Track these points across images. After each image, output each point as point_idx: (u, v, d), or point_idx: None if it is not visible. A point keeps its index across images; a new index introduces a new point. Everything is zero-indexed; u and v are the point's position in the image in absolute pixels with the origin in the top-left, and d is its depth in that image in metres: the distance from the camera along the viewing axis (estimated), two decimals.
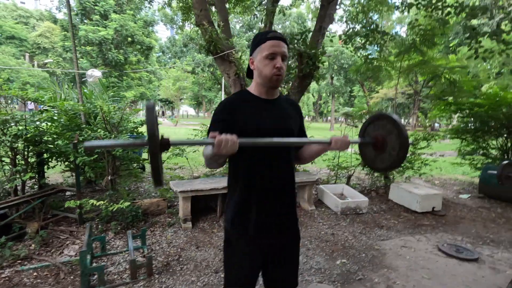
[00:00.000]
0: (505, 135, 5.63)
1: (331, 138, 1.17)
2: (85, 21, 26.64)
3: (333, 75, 29.83)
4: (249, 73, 1.32)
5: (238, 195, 1.25)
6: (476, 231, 3.75)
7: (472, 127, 5.94)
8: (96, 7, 25.41)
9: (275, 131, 1.20)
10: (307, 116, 61.51)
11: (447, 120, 6.40)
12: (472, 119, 5.77)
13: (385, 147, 1.24)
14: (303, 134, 1.40)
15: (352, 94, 41.11)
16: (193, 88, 29.05)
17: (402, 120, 39.37)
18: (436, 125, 27.02)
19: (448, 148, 9.77)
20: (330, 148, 1.19)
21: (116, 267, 2.55)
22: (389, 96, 6.09)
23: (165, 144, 0.92)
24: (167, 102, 39.20)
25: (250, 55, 1.26)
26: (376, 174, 5.36)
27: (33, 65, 28.81)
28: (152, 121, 0.83)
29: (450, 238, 3.49)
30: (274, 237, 1.28)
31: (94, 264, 2.51)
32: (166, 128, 21.05)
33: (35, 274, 2.38)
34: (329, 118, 43.83)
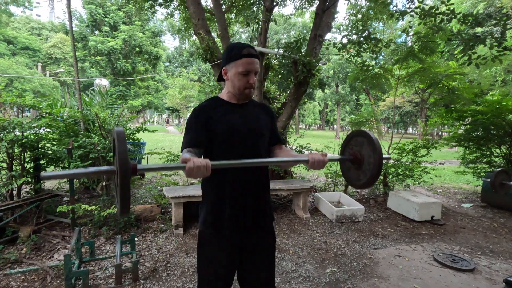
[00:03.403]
0: (508, 143, 5.51)
1: (309, 156, 1.16)
2: (96, 32, 27.47)
3: (338, 83, 29.83)
4: (220, 78, 1.36)
5: (211, 196, 1.29)
6: (476, 241, 3.64)
7: (475, 135, 5.84)
8: (106, 19, 26.22)
9: (245, 130, 1.28)
10: (313, 124, 61.46)
11: (452, 127, 6.27)
12: (474, 126, 5.66)
13: (362, 163, 1.26)
14: (275, 137, 1.44)
15: (358, 102, 40.95)
16: (199, 97, 29.40)
17: (409, 128, 39.00)
18: (445, 134, 26.61)
19: (452, 157, 9.59)
20: (307, 166, 1.19)
21: (103, 272, 2.56)
22: (396, 105, 6.08)
23: (133, 169, 0.91)
24: (173, 111, 39.73)
25: (223, 65, 1.30)
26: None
27: (45, 75, 29.69)
28: (122, 147, 0.82)
29: (447, 248, 3.40)
30: (248, 234, 1.30)
31: (82, 269, 2.52)
32: (172, 136, 21.27)
33: (22, 277, 2.41)
34: (335, 126, 43.64)
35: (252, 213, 1.29)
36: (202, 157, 1.31)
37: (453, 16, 3.26)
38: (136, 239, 3.12)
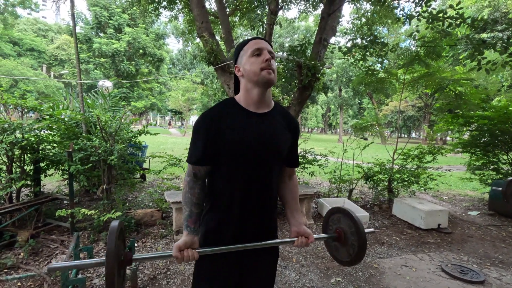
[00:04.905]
0: None
1: (296, 239, 1.20)
2: (100, 34, 27.68)
3: (341, 87, 29.77)
4: (237, 89, 1.24)
5: (215, 212, 1.18)
6: (484, 251, 3.54)
7: (482, 141, 5.74)
8: (110, 21, 26.41)
9: (259, 147, 1.11)
10: (316, 128, 61.39)
11: (457, 133, 6.18)
12: (481, 132, 5.56)
13: (347, 241, 1.28)
14: (292, 158, 1.29)
15: (361, 106, 40.86)
16: (202, 99, 29.47)
17: (412, 133, 38.80)
18: (448, 139, 26.43)
19: (457, 162, 9.46)
20: (293, 245, 1.21)
21: (101, 279, 2.50)
22: (399, 109, 6.00)
23: (128, 260, 0.98)
24: (176, 113, 39.85)
25: (235, 63, 1.19)
26: (379, 188, 5.20)
27: (49, 76, 29.91)
28: (112, 241, 0.90)
29: (455, 257, 3.29)
30: (250, 254, 1.20)
31: (80, 276, 2.46)
32: (174, 138, 21.27)
33: (19, 284, 2.35)
34: (337, 130, 43.53)
35: (257, 235, 1.19)
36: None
37: (462, 21, 3.19)
38: (136, 244, 3.06)
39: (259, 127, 1.11)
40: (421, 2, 3.82)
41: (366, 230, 1.25)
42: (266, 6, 6.25)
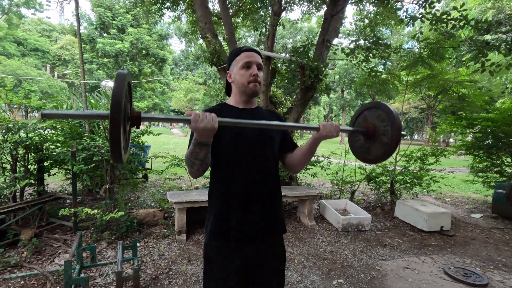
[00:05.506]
0: None
1: (320, 124, 1.11)
2: (104, 34, 27.84)
3: (344, 88, 29.73)
4: (228, 90, 1.35)
5: (218, 205, 1.22)
6: (487, 254, 3.52)
7: (485, 143, 5.70)
8: (114, 21, 26.54)
9: (254, 137, 1.21)
10: None
11: (460, 135, 6.15)
12: (484, 134, 5.53)
13: (376, 136, 1.18)
14: (289, 142, 1.36)
15: None
16: (205, 100, 29.55)
17: (415, 135, 38.64)
18: (451, 141, 26.29)
19: (461, 165, 9.41)
20: (319, 136, 1.13)
21: (104, 279, 2.50)
22: (401, 111, 6.02)
23: (135, 117, 0.85)
24: (178, 113, 39.94)
25: (227, 69, 1.29)
26: (381, 190, 5.18)
27: (53, 76, 30.08)
28: (119, 88, 0.74)
29: (458, 260, 3.28)
30: (257, 247, 1.22)
31: (83, 275, 2.47)
32: (177, 139, 21.35)
33: (22, 282, 2.36)
34: None
35: (260, 224, 1.21)
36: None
37: (465, 22, 3.18)
38: (138, 244, 3.07)
39: (249, 118, 1.22)
40: (424, 3, 3.82)
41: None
42: (269, 7, 6.26)
